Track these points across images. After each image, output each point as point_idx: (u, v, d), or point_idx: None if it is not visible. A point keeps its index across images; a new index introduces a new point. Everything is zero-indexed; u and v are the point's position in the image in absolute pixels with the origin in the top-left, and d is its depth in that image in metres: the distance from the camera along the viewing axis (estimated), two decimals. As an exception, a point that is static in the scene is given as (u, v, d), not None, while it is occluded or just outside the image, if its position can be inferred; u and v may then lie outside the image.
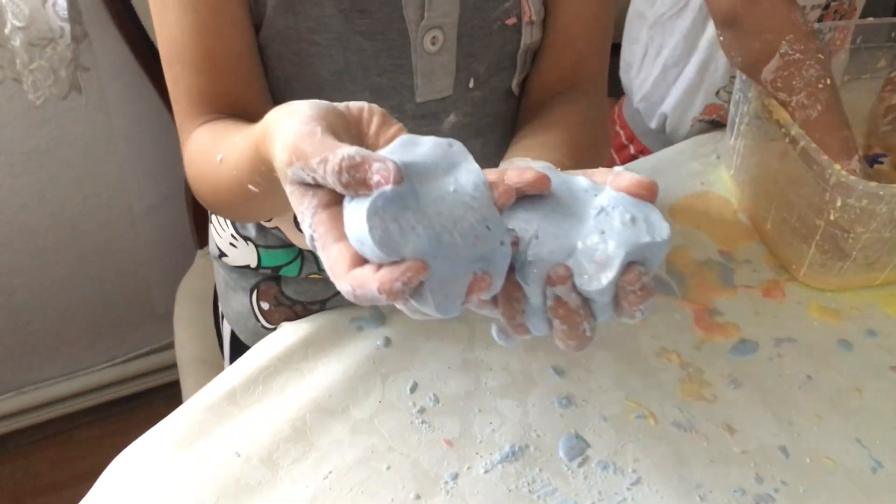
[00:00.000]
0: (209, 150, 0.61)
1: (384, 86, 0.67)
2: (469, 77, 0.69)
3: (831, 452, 0.70)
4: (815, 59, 0.82)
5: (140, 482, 0.67)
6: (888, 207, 0.73)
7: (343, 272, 0.42)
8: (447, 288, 0.43)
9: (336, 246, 0.43)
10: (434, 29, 0.65)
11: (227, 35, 0.63)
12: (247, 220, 0.76)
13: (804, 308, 0.82)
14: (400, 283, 0.40)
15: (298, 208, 0.45)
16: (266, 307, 0.82)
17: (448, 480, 0.67)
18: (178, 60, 0.64)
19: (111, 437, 0.71)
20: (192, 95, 0.65)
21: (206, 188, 0.65)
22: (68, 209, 1.32)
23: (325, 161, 0.42)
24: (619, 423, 0.71)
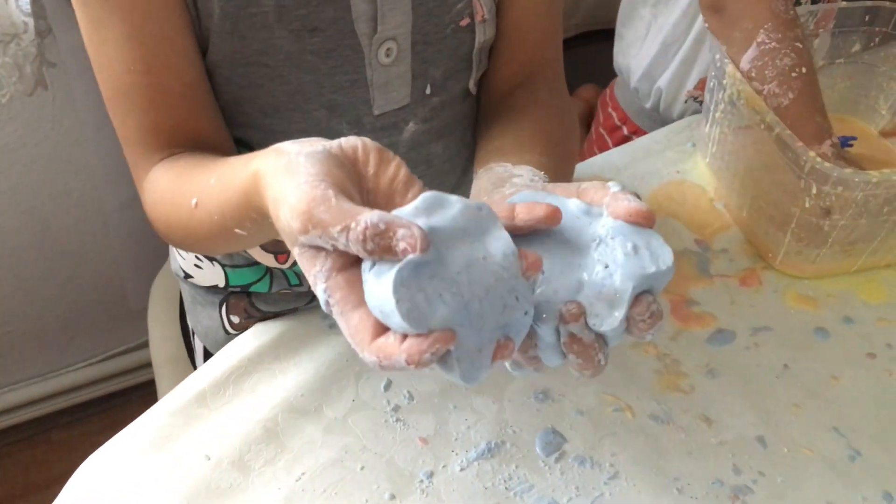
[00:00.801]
0: (177, 192, 0.59)
1: (340, 102, 0.65)
2: (426, 84, 0.67)
3: (809, 442, 0.70)
4: (792, 48, 0.81)
5: (108, 487, 0.65)
6: (863, 194, 0.73)
7: (366, 342, 0.41)
8: (473, 356, 0.43)
9: (356, 314, 0.42)
10: (388, 41, 0.63)
11: (178, 67, 0.61)
12: (222, 253, 0.74)
13: (781, 296, 0.81)
14: (428, 355, 0.40)
15: (310, 271, 0.43)
16: (236, 320, 0.80)
17: (423, 479, 0.66)
18: (125, 97, 0.61)
19: (88, 438, 0.70)
20: (144, 132, 0.62)
21: (178, 232, 0.62)
22: (39, 208, 1.30)
23: (346, 229, 0.40)
24: (596, 417, 0.71)
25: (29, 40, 0.96)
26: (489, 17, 0.68)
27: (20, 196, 1.26)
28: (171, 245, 0.68)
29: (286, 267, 0.75)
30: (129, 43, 0.59)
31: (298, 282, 0.77)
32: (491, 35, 0.70)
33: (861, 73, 0.96)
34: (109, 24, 0.58)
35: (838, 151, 0.80)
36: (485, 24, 0.68)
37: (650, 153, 0.97)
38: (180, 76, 0.61)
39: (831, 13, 0.93)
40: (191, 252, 0.73)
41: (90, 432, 1.55)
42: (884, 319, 0.79)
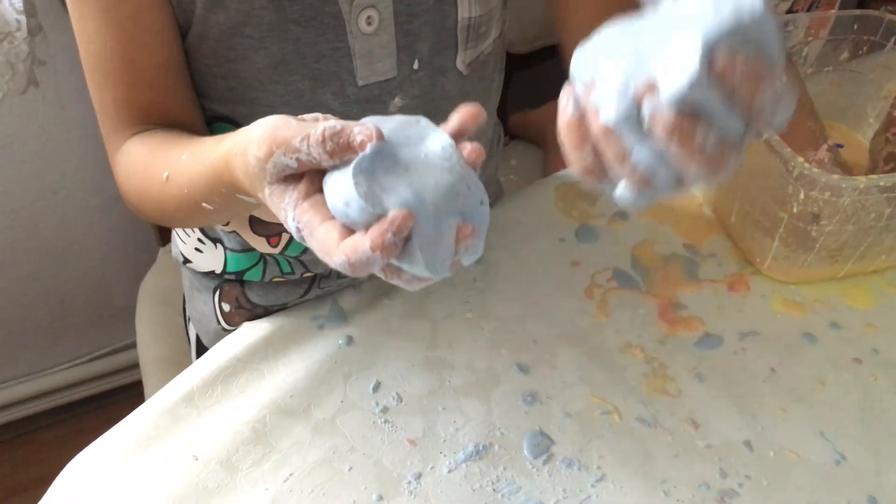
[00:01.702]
0: (149, 166, 0.62)
1: (323, 72, 0.65)
2: (413, 57, 0.67)
3: (795, 446, 0.70)
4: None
5: (95, 486, 0.65)
6: (850, 200, 0.73)
7: (334, 246, 0.44)
8: (434, 245, 0.44)
9: (322, 226, 0.45)
10: (368, 8, 0.63)
11: (151, 45, 0.62)
12: (190, 227, 0.77)
13: (768, 301, 0.82)
14: (390, 234, 0.42)
15: (280, 206, 0.46)
16: (227, 309, 0.80)
17: (411, 481, 0.66)
18: (101, 71, 0.64)
19: (75, 438, 0.70)
20: (117, 106, 0.65)
21: (148, 204, 0.65)
22: (25, 207, 1.29)
23: (307, 137, 0.44)
24: (584, 420, 0.71)
25: (21, 38, 0.96)
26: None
27: (7, 195, 1.26)
28: (143, 218, 0.71)
29: (277, 252, 0.75)
30: (105, 20, 0.61)
31: (290, 269, 0.77)
32: (481, 13, 0.69)
33: (849, 80, 0.97)
34: (88, 1, 0.61)
35: (835, 156, 0.81)
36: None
37: (640, 158, 0.97)
38: (153, 54, 0.63)
39: (824, 21, 0.94)
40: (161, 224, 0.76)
41: (77, 432, 1.54)
42: (870, 325, 0.80)
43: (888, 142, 0.85)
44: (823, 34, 0.95)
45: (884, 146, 0.86)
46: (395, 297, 0.80)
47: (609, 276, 0.83)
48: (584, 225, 0.88)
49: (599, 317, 0.79)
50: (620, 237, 0.87)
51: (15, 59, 0.97)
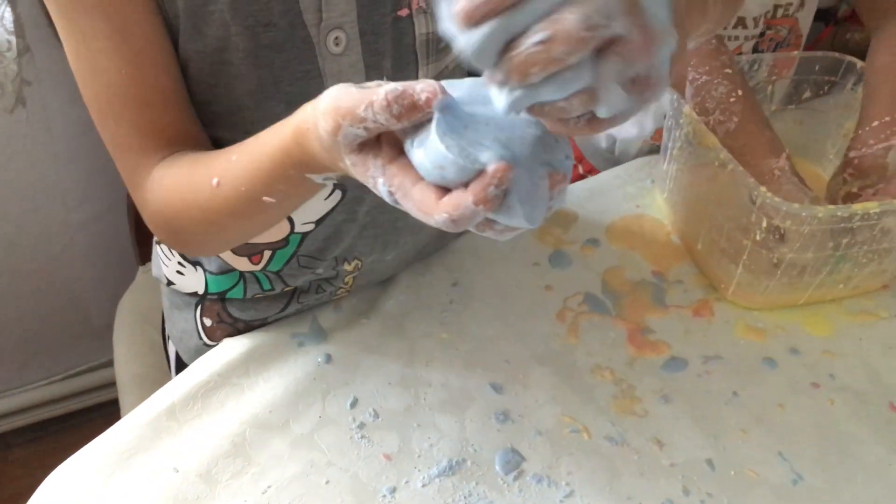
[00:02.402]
0: (192, 179, 0.61)
1: (297, 94, 0.67)
2: (381, 75, 0.70)
3: (755, 465, 0.73)
4: (722, 76, 0.86)
5: (75, 499, 0.66)
6: (810, 228, 0.77)
7: (433, 204, 0.44)
8: (531, 196, 0.44)
9: (417, 187, 0.45)
10: (335, 30, 0.66)
11: (164, 65, 0.63)
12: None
13: (732, 327, 0.85)
14: (493, 188, 0.42)
15: (366, 174, 0.47)
16: (208, 323, 0.82)
17: (386, 494, 0.68)
18: (119, 102, 0.63)
19: (47, 457, 0.70)
20: (140, 134, 0.64)
21: (194, 219, 0.63)
22: (5, 224, 1.30)
23: (370, 104, 0.44)
24: (554, 438, 0.73)
25: (11, 58, 0.98)
26: (429, 9, 0.70)
27: (-13, 211, 1.27)
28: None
29: (259, 269, 0.77)
30: (118, 47, 0.61)
31: (270, 286, 0.79)
32: (436, 28, 0.70)
33: (811, 118, 1.01)
34: (96, 33, 0.61)
35: (791, 165, 0.85)
36: (425, 15, 0.70)
37: (611, 188, 1.01)
38: (168, 72, 0.64)
39: (788, 62, 0.98)
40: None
41: (50, 451, 1.53)
42: (828, 352, 0.83)
43: (846, 182, 0.89)
44: (787, 74, 0.99)
45: (842, 186, 0.90)
46: (373, 317, 0.82)
47: (580, 301, 0.86)
48: (558, 250, 0.91)
49: (571, 339, 0.82)
50: (592, 263, 0.90)
51: (4, 78, 0.99)
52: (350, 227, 0.76)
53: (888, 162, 0.87)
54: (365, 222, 0.76)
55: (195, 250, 0.75)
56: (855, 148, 0.89)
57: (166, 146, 0.64)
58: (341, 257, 0.78)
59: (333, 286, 0.81)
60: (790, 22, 1.08)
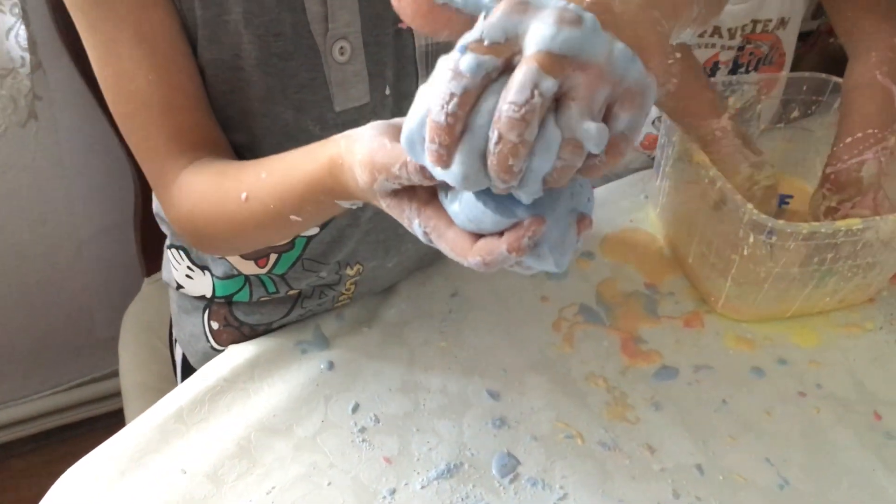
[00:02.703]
0: (221, 190, 0.64)
1: (305, 101, 0.70)
2: (384, 84, 0.73)
3: (743, 470, 0.75)
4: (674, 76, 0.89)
5: (87, 498, 0.69)
6: (795, 244, 0.80)
7: (467, 248, 0.46)
8: (560, 243, 0.47)
9: (450, 232, 0.47)
10: (340, 40, 0.69)
11: (188, 69, 0.66)
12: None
13: (721, 338, 0.88)
14: (527, 239, 0.44)
15: (402, 216, 0.49)
16: (216, 326, 0.85)
17: (386, 496, 0.71)
18: (146, 106, 0.65)
19: (50, 466, 0.71)
20: (167, 138, 0.66)
21: (222, 227, 0.66)
22: (13, 236, 1.32)
23: (404, 165, 0.46)
24: (549, 443, 0.76)
25: (25, 74, 1.01)
26: None
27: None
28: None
29: (265, 272, 0.80)
30: (144, 52, 0.64)
31: (275, 288, 0.82)
32: (436, 40, 0.74)
33: (800, 137, 1.05)
34: (122, 40, 0.63)
35: (737, 126, 0.88)
36: None
37: (606, 202, 1.04)
38: (192, 76, 0.67)
39: (773, 83, 1.02)
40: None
41: (52, 461, 1.54)
42: (814, 362, 0.86)
43: (825, 197, 0.93)
44: (776, 93, 1.03)
45: (822, 201, 0.93)
46: (374, 325, 0.85)
47: (575, 311, 0.89)
48: (553, 263, 0.94)
49: (565, 348, 0.85)
50: (587, 275, 0.93)
51: (17, 93, 1.02)
52: (353, 232, 0.79)
53: (862, 176, 0.90)
54: (368, 228, 0.79)
55: (216, 252, 0.78)
56: (831, 164, 0.92)
57: (191, 150, 0.67)
58: (344, 262, 0.81)
59: (335, 291, 0.84)
60: (770, 38, 1.11)
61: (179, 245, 0.85)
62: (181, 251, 0.84)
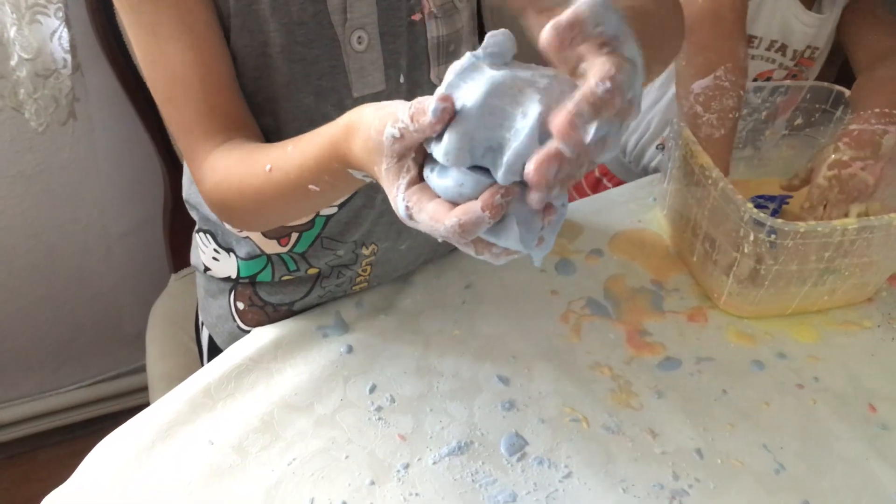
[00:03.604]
0: (247, 163, 0.68)
1: (324, 87, 0.76)
2: (398, 73, 0.78)
3: (740, 455, 0.79)
4: (737, 94, 0.95)
5: (120, 467, 0.73)
6: (794, 243, 0.84)
7: (445, 213, 0.49)
8: (527, 221, 0.50)
9: (430, 204, 0.51)
10: (358, 29, 0.75)
11: (222, 52, 0.72)
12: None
13: (723, 332, 0.92)
14: (499, 197, 0.48)
15: (393, 184, 0.53)
16: (241, 307, 0.90)
17: (400, 469, 0.75)
18: (183, 86, 0.70)
19: (74, 459, 0.75)
20: (202, 117, 0.70)
21: (248, 199, 0.69)
22: (46, 233, 1.38)
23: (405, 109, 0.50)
24: (555, 425, 0.80)
25: (67, 75, 1.07)
26: (441, 15, 0.78)
27: (30, 221, 1.35)
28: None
29: (286, 251, 0.85)
30: (182, 36, 0.69)
31: (295, 266, 0.87)
32: (448, 32, 0.80)
33: (802, 143, 1.09)
34: (162, 24, 0.69)
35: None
36: (436, 20, 0.78)
37: (615, 204, 1.08)
38: (226, 61, 0.72)
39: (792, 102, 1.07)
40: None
41: (76, 453, 1.57)
42: (813, 356, 0.90)
43: (837, 149, 0.97)
44: (788, 113, 1.08)
45: (832, 153, 0.97)
46: (391, 313, 0.89)
47: (583, 304, 0.93)
48: (564, 259, 0.98)
49: (573, 338, 0.89)
50: (595, 271, 0.97)
51: (59, 93, 1.08)
52: (368, 213, 0.84)
53: (882, 142, 0.95)
54: (381, 209, 0.84)
55: (244, 227, 0.83)
56: (856, 122, 0.98)
57: (224, 130, 0.71)
58: (360, 241, 0.86)
59: (352, 271, 0.88)
60: (812, 65, 1.17)
61: (207, 229, 0.90)
62: (208, 235, 0.89)
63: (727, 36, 0.98)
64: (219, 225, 0.88)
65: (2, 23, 1.03)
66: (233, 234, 0.87)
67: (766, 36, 1.14)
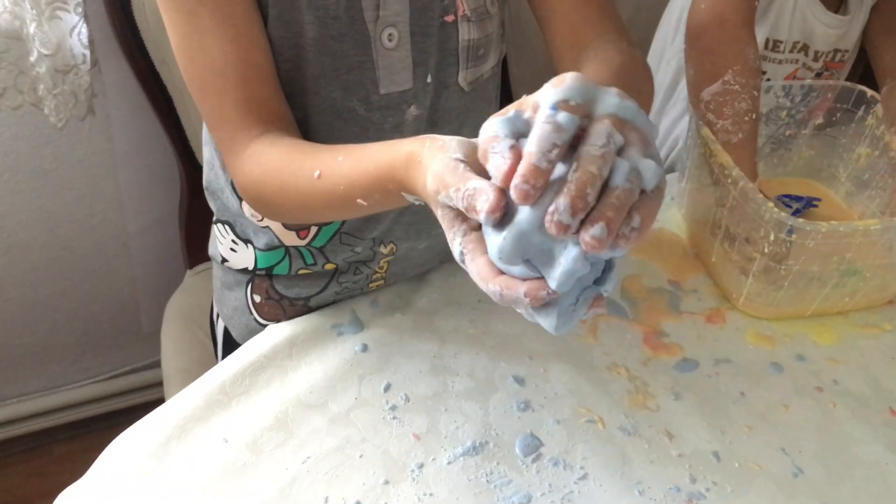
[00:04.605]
0: (294, 165, 0.68)
1: (353, 81, 0.76)
2: (426, 72, 0.78)
3: (758, 459, 0.78)
4: (750, 95, 0.93)
5: (135, 464, 0.73)
6: (815, 243, 0.83)
7: (491, 277, 0.51)
8: (569, 312, 0.52)
9: (482, 259, 0.52)
10: (389, 27, 0.75)
11: (261, 43, 0.71)
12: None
13: (742, 334, 0.91)
14: (545, 293, 0.50)
15: (450, 229, 0.54)
16: (258, 300, 0.90)
17: (414, 469, 0.74)
18: (221, 77, 0.70)
19: (89, 453, 0.75)
20: (240, 107, 0.70)
21: (290, 200, 0.70)
22: (63, 228, 1.38)
23: (458, 190, 0.51)
24: (571, 426, 0.79)
25: (86, 70, 1.07)
26: (473, 18, 0.78)
27: (47, 216, 1.36)
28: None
29: (304, 244, 0.85)
30: (222, 24, 0.69)
31: (313, 260, 0.87)
32: (479, 36, 0.80)
33: (824, 143, 1.08)
34: (202, 14, 0.69)
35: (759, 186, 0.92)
36: (469, 23, 0.78)
37: (633, 204, 1.07)
38: (265, 52, 0.72)
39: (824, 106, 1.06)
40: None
41: (91, 448, 1.58)
42: (832, 359, 0.89)
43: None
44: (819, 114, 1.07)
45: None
46: (407, 312, 0.89)
47: (600, 305, 0.92)
48: (580, 259, 0.98)
49: (589, 338, 0.88)
50: (612, 271, 0.97)
51: (78, 88, 1.08)
52: (388, 212, 0.83)
53: None
54: (402, 209, 0.84)
55: (276, 218, 0.83)
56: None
57: (262, 121, 0.71)
58: (378, 239, 0.85)
59: (369, 269, 0.88)
60: (842, 67, 1.16)
61: (225, 220, 0.90)
62: (226, 226, 0.89)
63: (733, 39, 0.97)
64: (237, 215, 0.88)
65: (21, 19, 1.03)
66: (251, 224, 0.87)
67: (788, 39, 1.12)
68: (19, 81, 1.09)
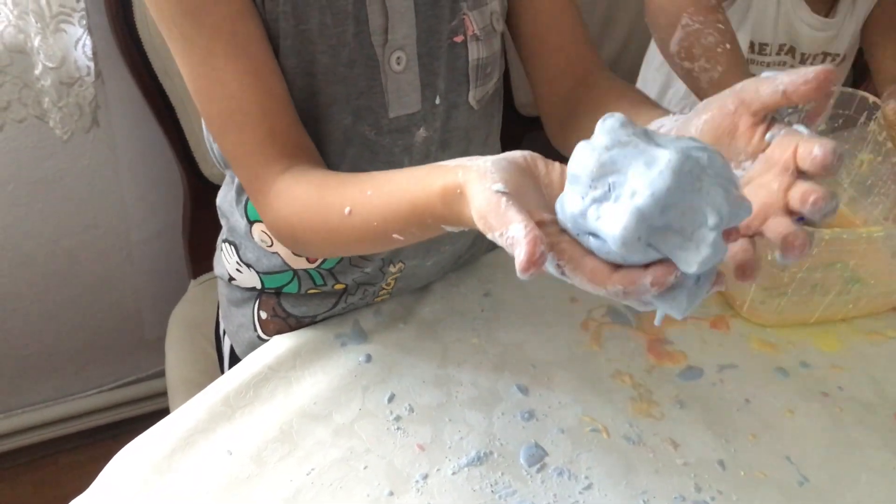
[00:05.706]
0: (323, 201, 0.66)
1: (363, 106, 0.75)
2: (434, 94, 0.78)
3: (763, 467, 0.78)
4: (714, 29, 0.92)
5: (140, 477, 0.73)
6: (818, 250, 0.83)
7: (608, 276, 0.46)
8: (696, 294, 0.48)
9: (587, 261, 0.47)
10: (397, 50, 0.75)
11: (277, 72, 0.70)
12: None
13: (746, 340, 0.91)
14: (673, 276, 0.46)
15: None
16: (264, 316, 0.90)
17: (419, 480, 0.74)
18: (241, 111, 0.68)
19: (95, 463, 0.75)
20: (261, 141, 0.68)
21: (321, 237, 0.68)
22: (67, 238, 1.39)
23: (502, 235, 0.46)
24: (575, 435, 0.79)
25: (90, 82, 1.07)
26: (482, 36, 0.78)
27: (51, 226, 1.36)
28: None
29: (313, 267, 0.85)
30: (238, 60, 0.67)
31: (322, 281, 0.87)
32: (486, 54, 0.79)
33: (826, 149, 1.07)
34: (217, 51, 0.67)
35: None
36: (478, 42, 0.78)
37: (636, 211, 1.07)
38: (281, 83, 0.71)
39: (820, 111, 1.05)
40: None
41: (97, 457, 1.58)
42: (837, 366, 0.89)
43: None
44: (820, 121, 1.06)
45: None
46: (410, 322, 0.89)
47: (604, 313, 0.92)
48: (583, 267, 0.98)
49: (593, 346, 0.88)
50: (615, 279, 0.96)
51: (83, 101, 1.08)
52: None
53: None
54: None
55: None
56: None
57: (285, 155, 0.69)
58: (388, 259, 0.86)
59: (377, 286, 0.88)
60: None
61: (232, 241, 0.90)
62: (232, 246, 0.90)
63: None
64: (244, 237, 0.88)
65: (26, 32, 1.04)
66: (256, 248, 0.87)
67: (774, 41, 1.12)
68: (24, 94, 1.09)
